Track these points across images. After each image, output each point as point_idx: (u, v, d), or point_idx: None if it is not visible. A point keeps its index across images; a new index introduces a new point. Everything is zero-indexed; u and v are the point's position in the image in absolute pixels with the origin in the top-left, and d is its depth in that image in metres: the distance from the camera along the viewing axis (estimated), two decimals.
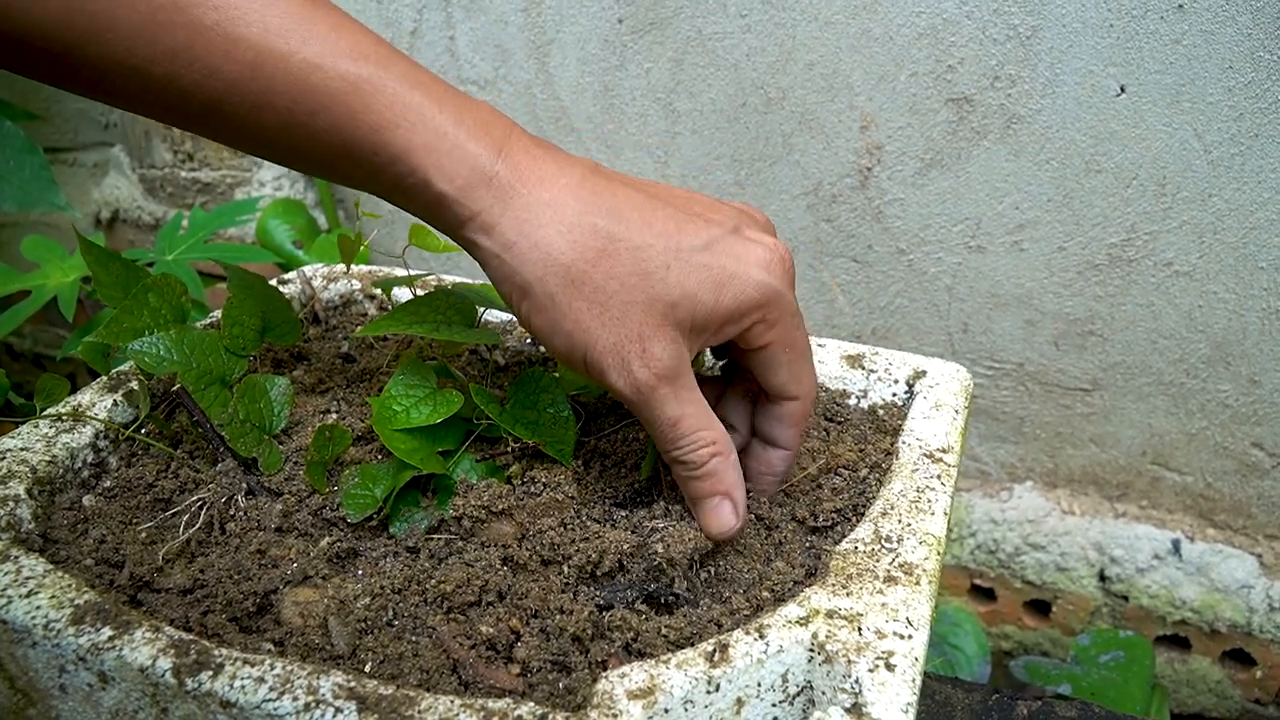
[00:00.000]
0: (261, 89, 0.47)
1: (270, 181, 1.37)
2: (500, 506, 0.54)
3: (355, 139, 0.48)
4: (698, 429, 0.51)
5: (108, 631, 0.44)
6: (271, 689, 0.41)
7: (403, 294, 0.78)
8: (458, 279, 0.76)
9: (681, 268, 0.48)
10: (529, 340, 0.74)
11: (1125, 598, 1.14)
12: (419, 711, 0.40)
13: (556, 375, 0.62)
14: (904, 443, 0.60)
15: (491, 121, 0.50)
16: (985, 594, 1.22)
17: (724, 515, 0.52)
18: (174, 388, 0.59)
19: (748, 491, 0.54)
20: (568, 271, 0.48)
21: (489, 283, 0.69)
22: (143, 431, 0.61)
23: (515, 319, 0.53)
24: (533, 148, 0.50)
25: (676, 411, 0.50)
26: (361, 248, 0.78)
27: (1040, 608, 1.20)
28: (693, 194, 0.53)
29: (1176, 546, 1.11)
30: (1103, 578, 1.14)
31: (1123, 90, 0.93)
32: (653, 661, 0.43)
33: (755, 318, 0.50)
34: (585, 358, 0.49)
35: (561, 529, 0.54)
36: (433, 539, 0.54)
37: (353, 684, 0.41)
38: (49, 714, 0.48)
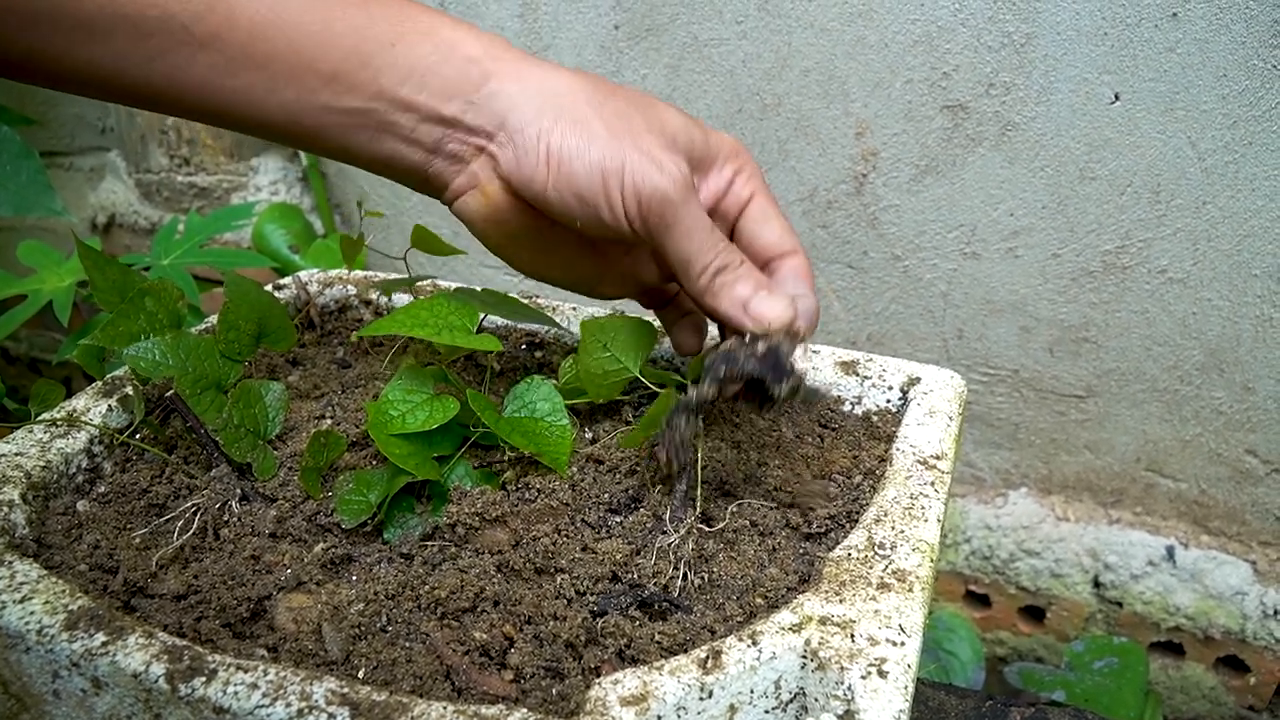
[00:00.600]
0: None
1: (267, 186, 1.37)
2: (494, 514, 0.54)
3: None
4: (728, 247, 0.54)
5: (101, 637, 0.44)
6: (265, 695, 0.41)
7: (400, 299, 0.78)
8: (457, 284, 0.76)
9: (671, 110, 0.55)
10: (524, 346, 0.74)
11: (1120, 604, 1.14)
12: (412, 717, 0.40)
13: (554, 384, 0.63)
14: (898, 449, 0.60)
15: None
16: (980, 600, 1.22)
17: (776, 302, 0.54)
18: (169, 393, 0.59)
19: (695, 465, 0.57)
20: (592, 95, 0.53)
21: (490, 288, 0.69)
22: (137, 437, 0.61)
23: (529, 168, 0.53)
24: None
25: (709, 222, 0.53)
26: (361, 250, 0.78)
27: (1035, 614, 1.21)
28: None
29: (1171, 553, 1.12)
30: (1097, 584, 1.15)
31: (1117, 98, 0.93)
32: (646, 668, 0.43)
33: (735, 165, 0.56)
34: (623, 164, 0.51)
35: (556, 535, 0.54)
36: (427, 545, 0.54)
37: (345, 690, 0.41)
38: (43, 719, 0.48)
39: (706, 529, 0.55)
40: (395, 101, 0.53)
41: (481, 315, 0.66)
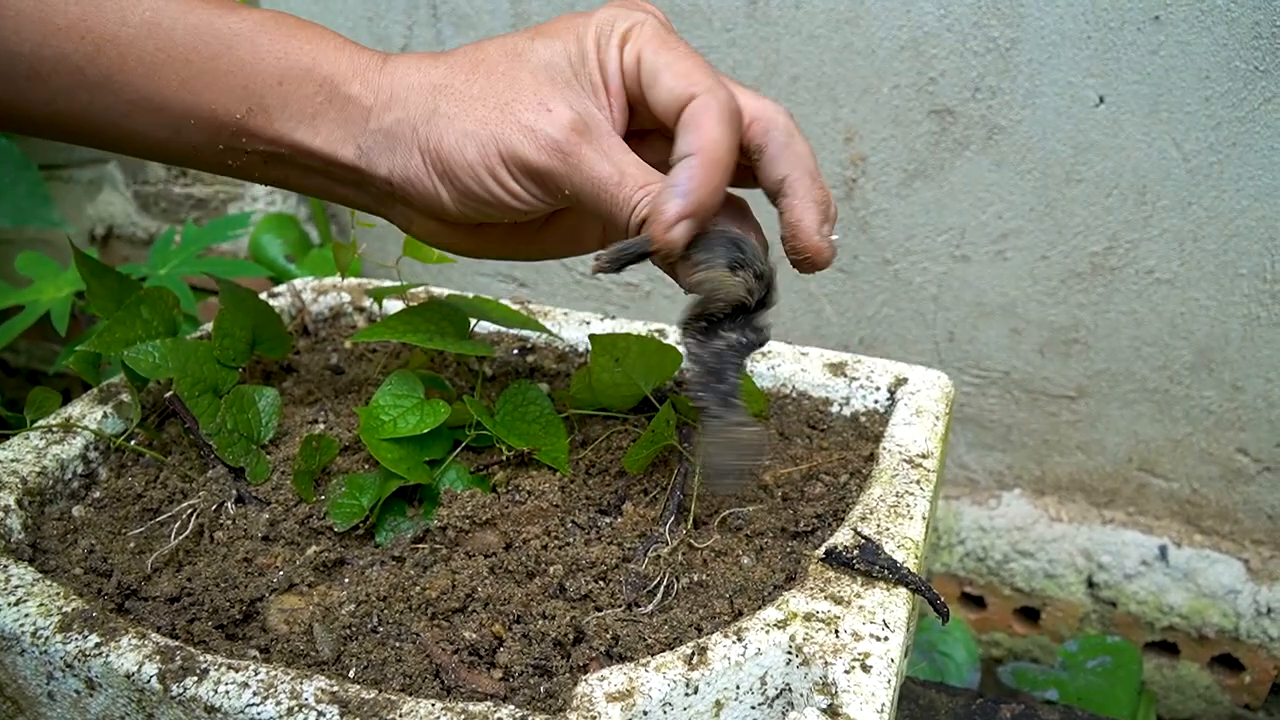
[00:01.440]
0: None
1: (263, 197, 1.38)
2: (485, 516, 0.55)
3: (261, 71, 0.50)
4: (646, 182, 0.47)
5: (94, 638, 0.45)
6: (255, 694, 0.42)
7: (393, 306, 0.79)
8: (450, 291, 0.77)
9: (540, 38, 0.49)
10: (515, 351, 0.75)
11: (1113, 604, 1.15)
12: (400, 715, 0.41)
13: (544, 388, 0.63)
14: (884, 449, 0.61)
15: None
16: (975, 601, 1.23)
17: (669, 199, 0.46)
18: (167, 395, 0.60)
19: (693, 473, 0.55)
20: (448, 83, 0.49)
21: (481, 295, 0.70)
22: (133, 442, 0.62)
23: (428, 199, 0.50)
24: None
25: (610, 168, 0.47)
26: (354, 258, 0.79)
27: (1030, 614, 1.21)
28: None
29: (1164, 552, 1.12)
30: (1091, 584, 1.15)
31: (1101, 100, 0.94)
32: (632, 665, 0.44)
33: (621, 31, 0.48)
34: (500, 150, 0.47)
35: (546, 537, 0.55)
36: (418, 548, 0.54)
37: (335, 688, 0.42)
38: None
39: (696, 535, 0.56)
40: (294, 146, 0.50)
41: (473, 321, 0.67)
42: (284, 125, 0.50)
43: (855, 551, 0.50)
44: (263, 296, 0.76)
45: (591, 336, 0.62)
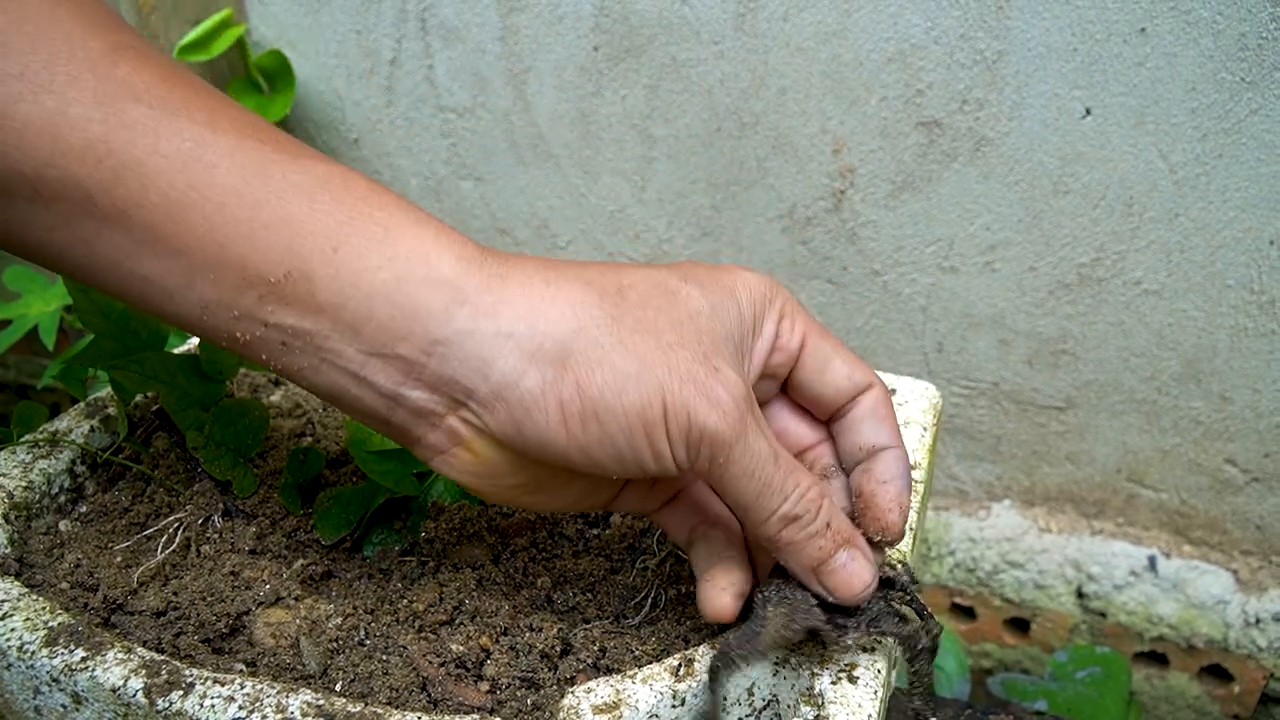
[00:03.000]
0: None
1: None
2: (472, 529, 0.55)
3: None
4: (796, 467, 0.43)
5: (80, 653, 0.45)
6: (241, 708, 0.42)
7: None
8: None
9: (692, 283, 0.44)
10: None
11: (1103, 614, 1.15)
12: None
13: None
14: None
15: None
16: (965, 612, 1.23)
17: (860, 568, 0.44)
18: (154, 409, 0.59)
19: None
20: (603, 311, 0.41)
21: None
22: (120, 456, 0.62)
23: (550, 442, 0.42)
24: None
25: (768, 446, 0.42)
26: None
27: (1020, 625, 1.21)
28: None
29: (1153, 563, 1.12)
30: (1080, 595, 1.15)
31: (1088, 112, 0.95)
32: (619, 676, 0.44)
33: (778, 309, 0.45)
34: (665, 401, 0.40)
35: (533, 550, 0.55)
36: (406, 561, 0.54)
37: (321, 702, 0.42)
38: None
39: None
40: (337, 323, 0.41)
41: None
42: (329, 298, 0.40)
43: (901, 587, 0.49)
44: None
45: None
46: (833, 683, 0.44)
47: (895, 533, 0.46)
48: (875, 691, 0.44)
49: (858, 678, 0.44)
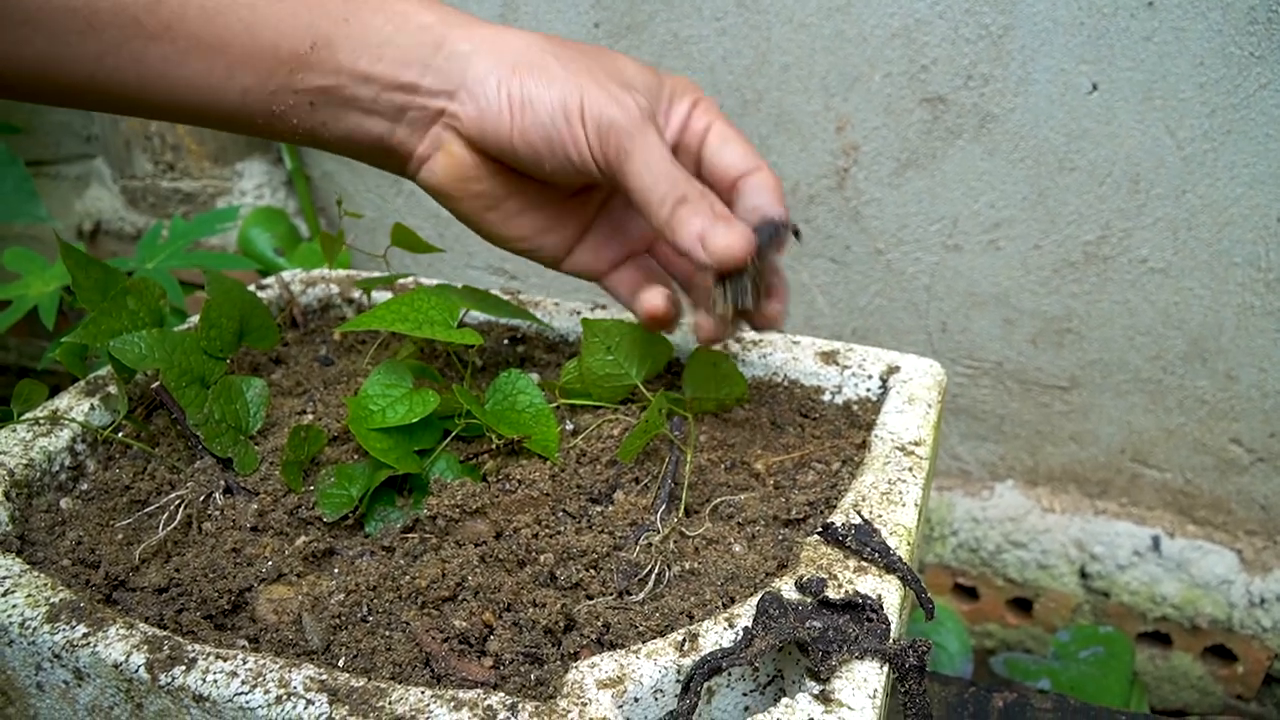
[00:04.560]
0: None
1: (251, 190, 1.37)
2: (475, 505, 0.55)
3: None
4: (685, 172, 0.55)
5: (82, 629, 0.44)
6: (244, 682, 0.41)
7: (382, 297, 0.79)
8: (439, 282, 0.76)
9: (624, 59, 0.57)
10: (506, 341, 0.75)
11: (1106, 594, 1.15)
12: (390, 703, 0.40)
13: (534, 378, 0.63)
14: (876, 436, 0.61)
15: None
16: (968, 593, 1.23)
17: (736, 237, 0.54)
18: (154, 385, 0.59)
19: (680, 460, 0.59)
20: (547, 45, 0.55)
21: (470, 285, 0.70)
22: (120, 434, 0.61)
23: (492, 112, 0.55)
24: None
25: (666, 150, 0.54)
26: (343, 249, 0.78)
27: (1023, 605, 1.21)
28: None
29: (1156, 543, 1.12)
30: (1084, 575, 1.15)
31: (1095, 88, 0.94)
32: (623, 651, 0.44)
33: (691, 98, 0.58)
34: (582, 97, 0.53)
35: (536, 526, 0.54)
36: (408, 538, 0.54)
37: (324, 677, 0.41)
38: (27, 712, 0.48)
39: (688, 523, 0.56)
40: (354, 75, 0.53)
41: (462, 310, 0.67)
42: (347, 57, 0.53)
43: (850, 530, 0.50)
44: (250, 289, 0.75)
45: (585, 321, 0.61)
46: (839, 658, 0.43)
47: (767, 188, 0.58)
48: (880, 666, 0.44)
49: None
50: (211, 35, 0.50)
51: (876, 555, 0.49)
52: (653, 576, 0.51)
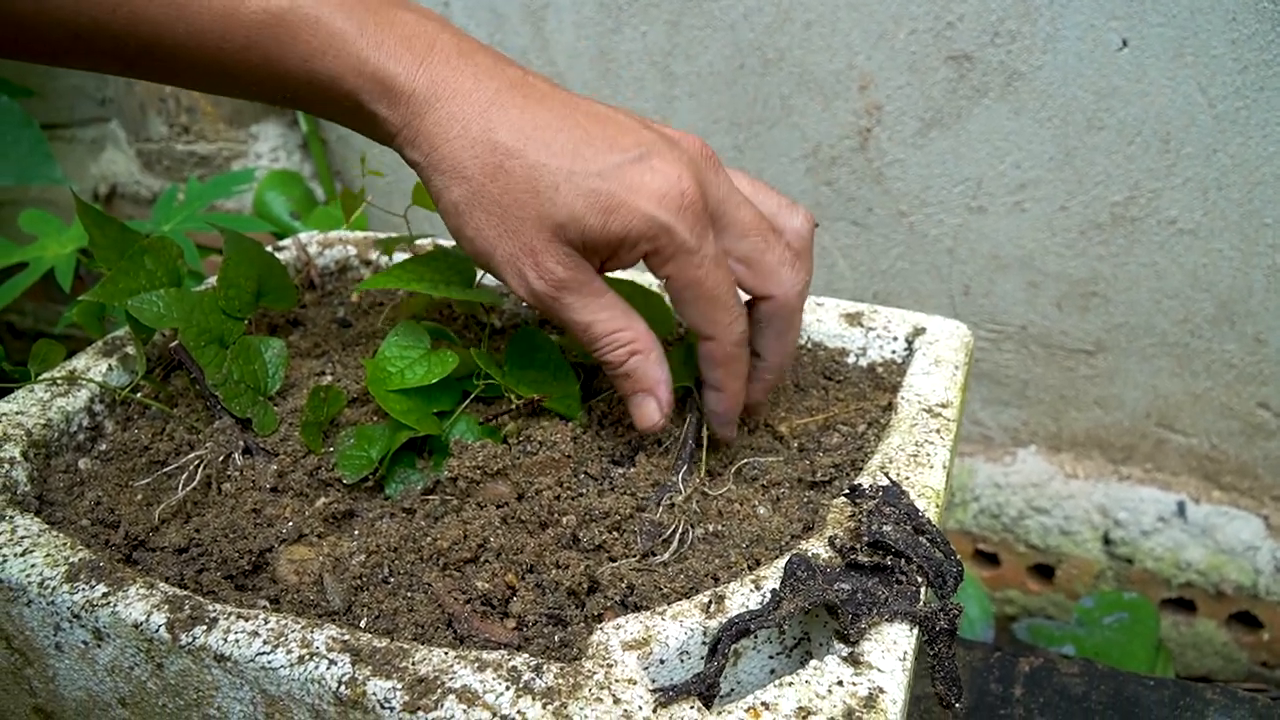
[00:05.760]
0: (191, 29, 0.48)
1: (267, 154, 1.36)
2: (496, 467, 0.54)
3: (288, 70, 0.50)
4: (612, 331, 0.53)
5: (102, 588, 0.44)
6: (265, 642, 0.41)
7: (401, 258, 0.78)
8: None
9: (571, 190, 0.49)
10: (525, 305, 0.74)
11: (1130, 561, 1.14)
12: (413, 663, 0.40)
13: (551, 336, 0.62)
14: (903, 398, 0.60)
15: (415, 36, 0.51)
16: (989, 559, 1.22)
17: (648, 411, 0.54)
18: (172, 345, 0.58)
19: (709, 435, 0.57)
20: (469, 184, 0.50)
21: None
22: (138, 394, 0.61)
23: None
24: (454, 58, 0.51)
25: (585, 317, 0.52)
26: (359, 210, 0.77)
27: (1044, 572, 1.20)
28: (617, 114, 0.53)
29: (1182, 509, 1.11)
30: (1107, 541, 1.14)
31: (1125, 44, 0.92)
32: (648, 613, 0.43)
33: (645, 248, 0.50)
34: (489, 265, 0.52)
35: (558, 488, 0.53)
36: (429, 500, 0.53)
37: (346, 637, 0.41)
38: (46, 673, 0.48)
39: (710, 484, 0.55)
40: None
41: (479, 272, 0.66)
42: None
43: (878, 492, 0.49)
44: (268, 249, 0.75)
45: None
46: (868, 621, 0.43)
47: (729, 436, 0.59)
48: (909, 629, 0.43)
49: None
50: None
51: (905, 518, 0.48)
52: (676, 537, 0.50)
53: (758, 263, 0.53)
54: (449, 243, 0.77)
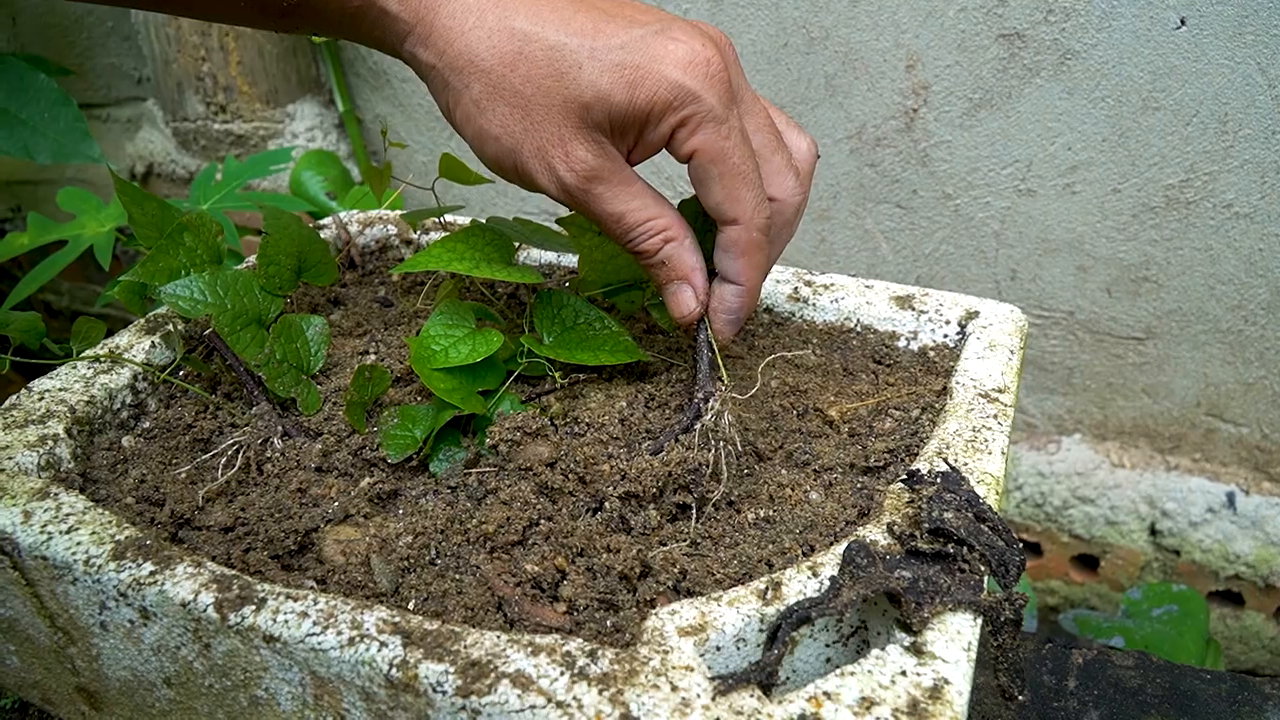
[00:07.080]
0: None
1: (303, 133, 1.35)
2: (534, 426, 0.53)
3: None
4: (645, 220, 0.51)
5: (149, 567, 0.43)
6: (315, 623, 0.40)
7: (437, 236, 0.77)
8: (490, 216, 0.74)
9: (595, 66, 0.47)
10: (566, 284, 0.73)
11: (1177, 552, 1.11)
12: (465, 646, 0.39)
13: (567, 288, 0.61)
14: (957, 383, 0.58)
15: None
16: (1031, 548, 1.20)
17: (684, 298, 0.53)
18: (208, 331, 0.58)
19: (711, 333, 0.55)
20: (488, 76, 0.48)
21: (524, 217, 0.67)
22: (180, 375, 0.60)
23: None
24: None
25: (617, 208, 0.51)
26: (387, 186, 0.77)
27: (1088, 562, 1.18)
28: None
29: (1231, 499, 1.09)
30: (1154, 532, 1.12)
31: (1183, 23, 0.89)
32: (704, 599, 0.42)
33: (673, 121, 0.48)
34: (515, 165, 0.50)
35: (599, 446, 0.53)
36: (471, 471, 0.53)
37: (397, 619, 0.40)
38: (90, 652, 0.47)
39: (761, 467, 0.54)
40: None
41: (519, 249, 0.64)
42: None
43: (937, 479, 0.47)
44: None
45: (559, 220, 0.60)
46: (930, 609, 0.41)
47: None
48: (974, 619, 0.41)
49: None
50: None
51: (966, 505, 0.47)
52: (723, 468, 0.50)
53: (767, 160, 0.52)
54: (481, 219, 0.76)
